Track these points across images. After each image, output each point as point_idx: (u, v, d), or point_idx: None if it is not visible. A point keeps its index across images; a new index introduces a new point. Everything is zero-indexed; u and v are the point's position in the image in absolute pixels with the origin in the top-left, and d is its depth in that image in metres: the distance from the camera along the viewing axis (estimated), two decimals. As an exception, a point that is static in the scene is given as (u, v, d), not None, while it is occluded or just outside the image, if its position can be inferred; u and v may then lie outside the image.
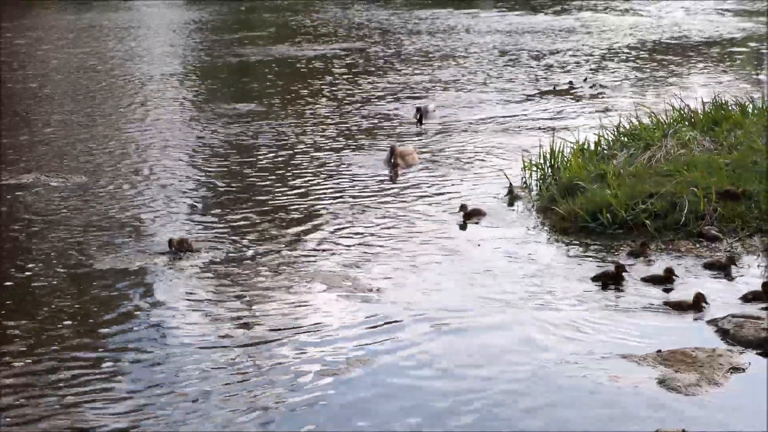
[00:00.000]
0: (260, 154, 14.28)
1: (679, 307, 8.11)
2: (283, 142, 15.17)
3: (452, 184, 12.39)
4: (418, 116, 16.17)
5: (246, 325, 7.95)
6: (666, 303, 8.23)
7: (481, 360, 7.26)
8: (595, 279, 8.83)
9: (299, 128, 16.18)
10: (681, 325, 7.84)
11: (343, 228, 10.62)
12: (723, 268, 9.02)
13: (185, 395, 6.78)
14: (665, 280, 8.72)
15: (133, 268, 9.34)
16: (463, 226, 10.59)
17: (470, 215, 10.80)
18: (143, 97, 19.41)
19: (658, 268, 8.99)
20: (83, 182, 12.70)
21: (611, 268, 8.86)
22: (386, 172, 12.86)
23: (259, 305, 8.39)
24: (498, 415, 6.47)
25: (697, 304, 8.09)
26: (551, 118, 16.65)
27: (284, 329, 7.86)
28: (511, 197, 11.63)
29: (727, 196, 10.20)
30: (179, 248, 9.57)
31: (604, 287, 8.67)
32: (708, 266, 9.12)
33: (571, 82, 20.28)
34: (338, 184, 12.55)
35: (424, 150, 14.35)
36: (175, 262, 9.42)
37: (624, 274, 8.76)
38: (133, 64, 24.18)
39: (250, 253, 9.78)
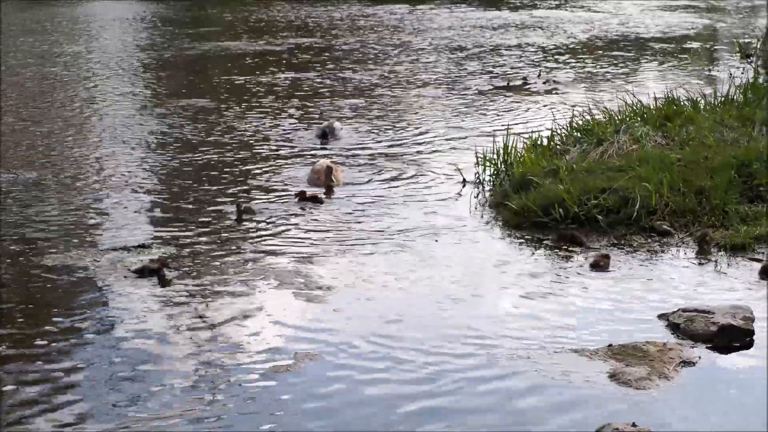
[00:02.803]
0: (211, 150, 14.15)
1: None
2: (234, 138, 15.05)
3: (406, 182, 12.36)
4: (322, 135, 15.01)
5: (197, 320, 7.87)
6: None
7: (429, 355, 7.23)
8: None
9: (250, 124, 16.07)
10: (632, 318, 7.89)
11: (297, 224, 10.56)
12: None
13: (133, 392, 6.68)
14: None
15: (82, 264, 9.21)
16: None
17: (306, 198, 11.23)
18: (93, 94, 19.17)
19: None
20: (33, 177, 12.53)
21: None
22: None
23: (212, 300, 8.30)
24: (446, 410, 6.45)
25: None
26: (505, 114, 16.67)
27: (235, 324, 7.79)
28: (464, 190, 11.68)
29: None
30: None
31: None
32: None
33: (525, 78, 20.35)
34: (292, 180, 12.47)
35: (378, 147, 14.33)
36: (126, 259, 9.31)
37: None
38: (82, 61, 23.89)
39: (202, 248, 9.69)
